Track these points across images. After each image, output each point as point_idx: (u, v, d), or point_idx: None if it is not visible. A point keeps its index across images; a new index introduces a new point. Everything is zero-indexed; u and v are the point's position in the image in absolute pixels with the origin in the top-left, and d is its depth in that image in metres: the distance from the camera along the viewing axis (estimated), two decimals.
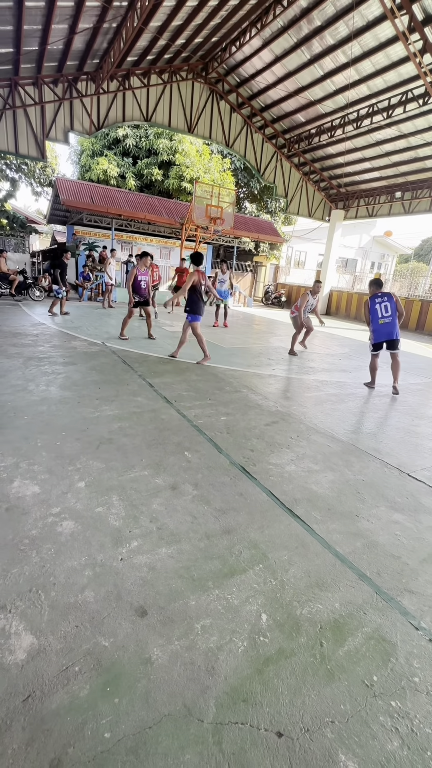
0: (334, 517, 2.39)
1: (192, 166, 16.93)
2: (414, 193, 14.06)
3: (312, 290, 6.88)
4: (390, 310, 5.11)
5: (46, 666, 1.37)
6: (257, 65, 11.98)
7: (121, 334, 7.18)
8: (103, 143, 17.76)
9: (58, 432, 3.16)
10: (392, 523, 2.39)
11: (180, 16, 9.44)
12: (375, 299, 5.16)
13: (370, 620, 1.68)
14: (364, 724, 1.28)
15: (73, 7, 7.98)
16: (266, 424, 3.76)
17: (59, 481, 2.49)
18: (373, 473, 2.99)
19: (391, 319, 5.08)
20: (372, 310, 5.13)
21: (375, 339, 5.14)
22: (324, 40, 10.11)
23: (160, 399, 4.15)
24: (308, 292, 6.86)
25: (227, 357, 6.56)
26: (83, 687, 1.31)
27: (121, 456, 2.87)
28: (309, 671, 1.44)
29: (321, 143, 14.07)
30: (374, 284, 5.31)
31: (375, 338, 5.14)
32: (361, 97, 11.54)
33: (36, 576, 1.74)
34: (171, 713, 1.26)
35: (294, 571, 1.92)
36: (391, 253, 28.14)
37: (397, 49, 9.54)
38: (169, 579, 1.79)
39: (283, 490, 2.63)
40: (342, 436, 3.65)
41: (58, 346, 6.15)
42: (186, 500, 2.41)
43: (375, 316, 5.11)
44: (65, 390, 4.17)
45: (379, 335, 5.11)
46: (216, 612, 1.65)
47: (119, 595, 1.68)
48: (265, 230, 17.84)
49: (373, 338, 5.16)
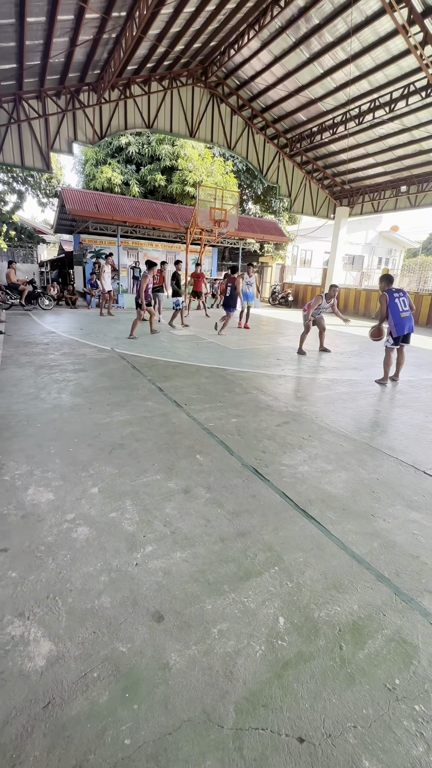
0: (350, 517, 2.36)
1: (195, 170, 17.02)
2: (420, 187, 13.88)
3: (327, 294, 6.75)
4: (407, 304, 5.23)
5: (65, 672, 1.37)
6: (256, 67, 12.00)
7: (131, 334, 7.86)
8: (106, 152, 17.98)
9: (70, 439, 3.19)
10: (409, 522, 2.34)
11: (178, 23, 9.52)
12: (393, 294, 5.23)
13: (390, 622, 1.64)
14: (387, 729, 1.25)
15: (73, 20, 8.11)
16: (277, 424, 3.74)
17: (73, 487, 2.51)
18: (387, 472, 2.94)
19: (409, 313, 5.21)
20: (392, 304, 5.19)
21: (397, 332, 5.18)
22: (323, 38, 10.08)
23: (170, 403, 4.16)
24: (322, 295, 6.70)
25: (236, 359, 6.56)
26: (102, 693, 1.31)
27: (134, 461, 2.88)
28: (329, 675, 1.41)
29: (323, 141, 14.00)
30: (386, 279, 5.38)
31: (397, 332, 5.18)
32: (362, 93, 11.46)
33: (53, 582, 1.75)
34: (190, 719, 1.25)
35: (310, 573, 1.89)
36: (398, 248, 27.79)
37: (397, 42, 9.45)
38: (184, 583, 1.79)
39: (296, 491, 2.61)
40: (355, 434, 3.61)
41: (68, 354, 6.22)
42: (199, 503, 2.40)
43: (396, 310, 5.17)
44: (76, 397, 4.21)
45: (401, 329, 5.17)
46: (233, 616, 1.63)
47: (135, 601, 1.68)
48: (269, 230, 17.81)
49: (395, 332, 5.19)
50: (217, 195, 12.90)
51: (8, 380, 4.71)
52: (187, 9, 9.04)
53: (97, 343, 7.21)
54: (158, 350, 6.85)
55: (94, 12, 7.93)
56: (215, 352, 7.05)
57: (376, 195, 15.44)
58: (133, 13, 8.29)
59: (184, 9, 8.92)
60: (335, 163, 15.44)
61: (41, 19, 7.75)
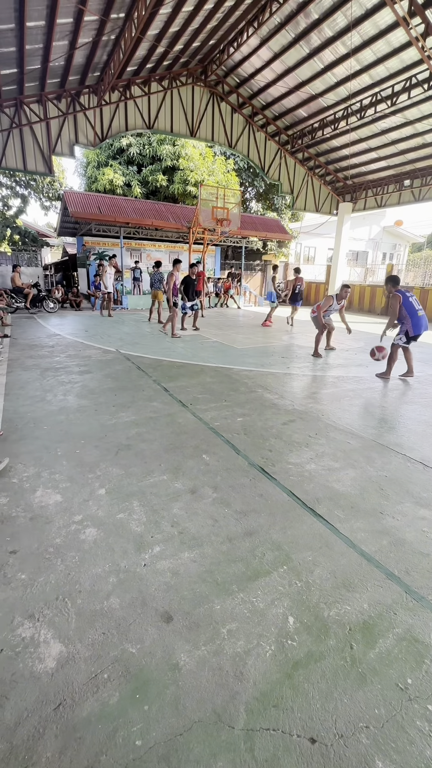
0: (358, 515, 2.34)
1: (196, 170, 17.00)
2: (423, 180, 13.73)
3: (338, 295, 6.57)
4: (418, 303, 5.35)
5: (75, 674, 1.38)
6: (256, 64, 11.94)
7: (173, 333, 8.16)
8: (107, 154, 18.03)
9: (77, 440, 3.21)
10: (419, 519, 2.32)
11: (177, 22, 9.51)
12: (406, 293, 5.31)
13: (401, 621, 1.63)
14: (400, 729, 1.24)
15: (72, 23, 8.13)
16: (283, 423, 3.72)
17: (80, 488, 2.52)
18: (396, 469, 2.92)
19: (423, 311, 5.27)
20: (408, 303, 5.23)
21: (414, 331, 5.20)
22: (322, 32, 10.00)
23: (176, 403, 4.16)
24: (333, 296, 6.56)
25: (240, 357, 6.54)
26: (113, 694, 1.32)
27: (140, 461, 2.89)
28: (340, 675, 1.40)
29: (325, 137, 13.90)
30: (393, 281, 5.36)
31: (414, 330, 5.20)
32: (363, 87, 11.35)
33: (62, 584, 1.76)
34: (201, 720, 1.25)
35: (319, 571, 1.88)
36: (402, 243, 27.53)
37: (398, 35, 9.35)
38: (193, 583, 1.78)
39: (304, 489, 2.59)
40: (362, 432, 3.58)
41: (74, 356, 6.25)
42: (206, 503, 2.40)
43: (413, 308, 5.22)
44: (82, 398, 4.23)
45: (418, 327, 5.19)
46: (242, 616, 1.63)
47: (144, 601, 1.68)
48: (272, 228, 17.73)
49: (411, 331, 5.21)
50: (219, 194, 12.88)
51: (15, 383, 4.74)
52: (186, 8, 9.02)
53: (102, 344, 7.24)
54: (163, 351, 6.85)
55: (92, 14, 7.94)
56: (219, 351, 7.04)
57: (379, 190, 15.30)
58: (131, 14, 8.29)
59: (183, 8, 8.90)
60: (337, 159, 15.32)
61: (41, 23, 7.78)
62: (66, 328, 9.38)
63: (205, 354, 6.70)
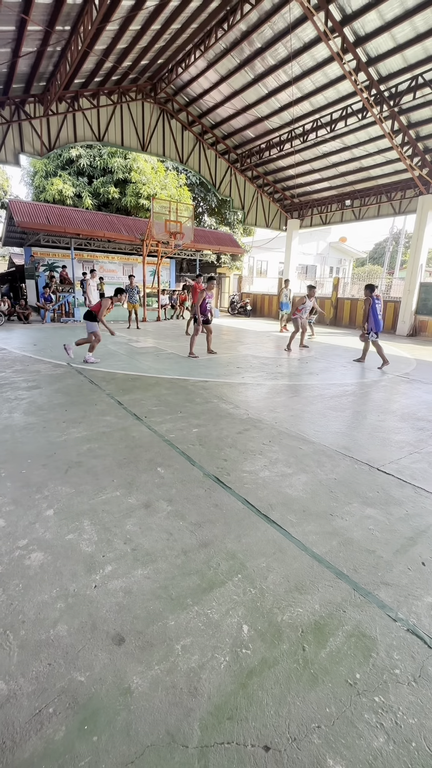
0: (310, 518, 2.41)
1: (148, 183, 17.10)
2: (362, 201, 14.81)
3: (308, 294, 8.36)
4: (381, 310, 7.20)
5: (17, 712, 1.28)
6: (204, 85, 12.36)
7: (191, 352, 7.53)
8: (56, 164, 17.62)
9: (23, 460, 3.03)
10: (365, 518, 2.44)
11: (124, 40, 9.62)
12: (375, 300, 6.98)
13: (349, 618, 1.69)
14: (349, 725, 1.28)
15: (15, 32, 7.95)
16: (238, 432, 3.77)
17: (26, 511, 2.38)
18: (344, 471, 3.06)
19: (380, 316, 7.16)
20: (374, 308, 6.95)
21: (376, 328, 7.02)
22: (265, 60, 10.60)
23: (130, 416, 4.08)
24: (305, 296, 8.37)
25: (196, 368, 6.57)
26: (58, 729, 1.24)
27: (92, 478, 2.78)
28: (293, 678, 1.42)
29: (272, 157, 14.60)
30: (370, 288, 7.01)
31: (376, 327, 7.01)
32: (305, 113, 12.12)
33: (3, 616, 1.64)
34: (154, 743, 1.21)
35: (273, 577, 1.91)
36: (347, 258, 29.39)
37: (333, 68, 10.13)
38: (146, 601, 1.73)
39: (258, 496, 2.63)
40: (313, 437, 3.72)
41: (21, 371, 5.94)
42: (160, 517, 2.36)
43: (376, 312, 6.97)
44: (29, 415, 4.01)
45: (379, 325, 7.05)
46: (196, 629, 1.61)
47: (94, 625, 1.61)
48: (225, 242, 18.17)
49: (375, 328, 7.00)
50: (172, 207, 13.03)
51: None
52: (133, 27, 9.17)
53: (52, 358, 6.95)
54: (117, 363, 6.71)
55: (36, 24, 7.82)
56: (175, 362, 7.03)
57: (323, 208, 16.27)
58: (77, 27, 8.27)
59: (130, 26, 9.04)
60: (284, 178, 16.13)
61: None
62: (13, 341, 8.90)
63: (160, 366, 6.65)
